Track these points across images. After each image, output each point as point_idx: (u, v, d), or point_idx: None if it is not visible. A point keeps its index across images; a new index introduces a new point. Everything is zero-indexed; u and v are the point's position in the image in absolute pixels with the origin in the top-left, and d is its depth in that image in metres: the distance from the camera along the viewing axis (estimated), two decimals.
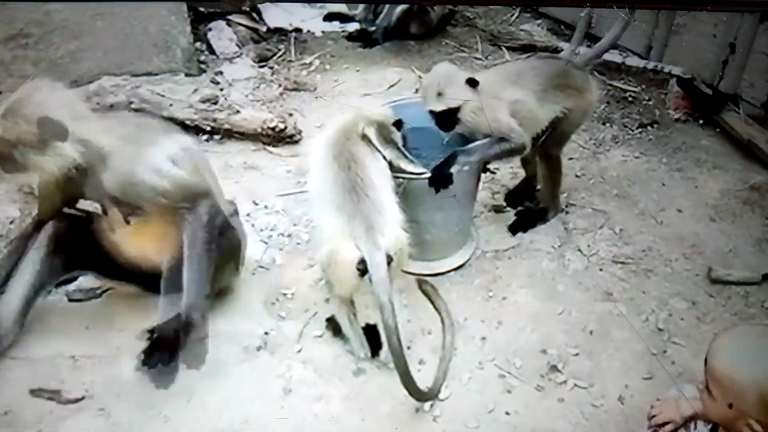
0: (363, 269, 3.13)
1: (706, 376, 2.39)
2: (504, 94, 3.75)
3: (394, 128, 3.62)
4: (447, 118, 3.72)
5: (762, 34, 5.05)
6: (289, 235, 4.19)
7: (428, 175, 3.58)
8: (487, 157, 3.82)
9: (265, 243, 4.11)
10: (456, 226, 3.94)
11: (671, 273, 3.99)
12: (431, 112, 3.73)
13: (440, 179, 3.58)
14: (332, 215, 3.21)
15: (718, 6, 4.54)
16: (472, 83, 3.68)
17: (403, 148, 3.59)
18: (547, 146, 4.05)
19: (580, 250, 4.13)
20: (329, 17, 6.73)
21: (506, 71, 4.00)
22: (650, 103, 5.60)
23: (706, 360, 2.38)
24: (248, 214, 4.31)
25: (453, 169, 3.60)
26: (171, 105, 4.96)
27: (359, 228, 3.13)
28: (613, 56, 5.89)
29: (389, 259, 3.14)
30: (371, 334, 3.48)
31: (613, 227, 4.32)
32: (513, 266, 4.03)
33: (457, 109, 3.68)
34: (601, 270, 4.01)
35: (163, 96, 5.02)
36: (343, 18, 6.74)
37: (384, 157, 3.49)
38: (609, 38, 4.18)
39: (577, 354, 3.52)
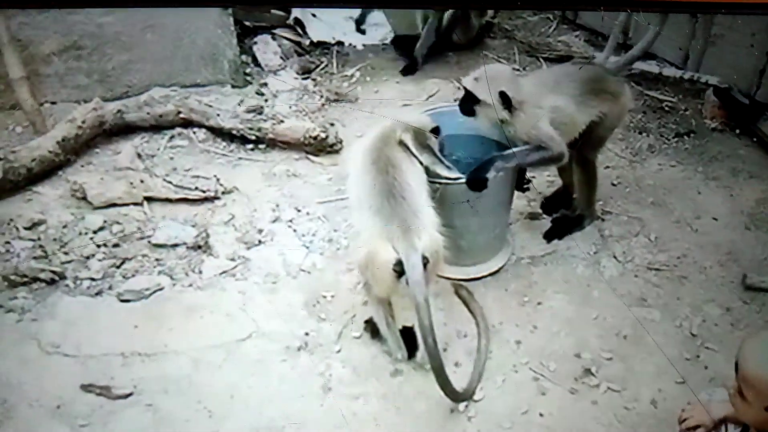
0: (400, 271, 3.17)
1: (738, 380, 2.37)
2: (544, 102, 3.75)
3: (431, 135, 3.66)
4: (467, 101, 3.73)
5: None
6: (329, 240, 4.25)
7: (464, 179, 3.61)
8: (525, 164, 3.83)
9: (307, 248, 4.19)
10: (492, 232, 3.97)
11: (705, 280, 3.97)
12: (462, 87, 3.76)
13: (476, 183, 3.60)
14: (370, 218, 3.27)
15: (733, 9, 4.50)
16: (505, 99, 3.66)
17: (439, 154, 3.62)
18: (583, 152, 4.06)
19: (615, 257, 4.13)
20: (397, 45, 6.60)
21: (544, 78, 4.01)
22: (687, 112, 5.56)
23: (737, 364, 2.37)
24: (291, 220, 4.39)
25: (489, 174, 3.62)
26: (218, 115, 5.07)
27: (396, 230, 3.19)
28: (650, 66, 5.88)
29: (425, 261, 3.18)
30: (408, 336, 3.53)
31: (649, 235, 4.31)
32: (548, 272, 4.05)
33: (477, 100, 3.69)
34: (636, 276, 4.01)
35: (210, 106, 5.13)
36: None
37: (420, 163, 3.54)
38: (641, 46, 4.20)
39: (610, 358, 3.53)
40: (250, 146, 5.08)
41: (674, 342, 3.58)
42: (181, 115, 5.08)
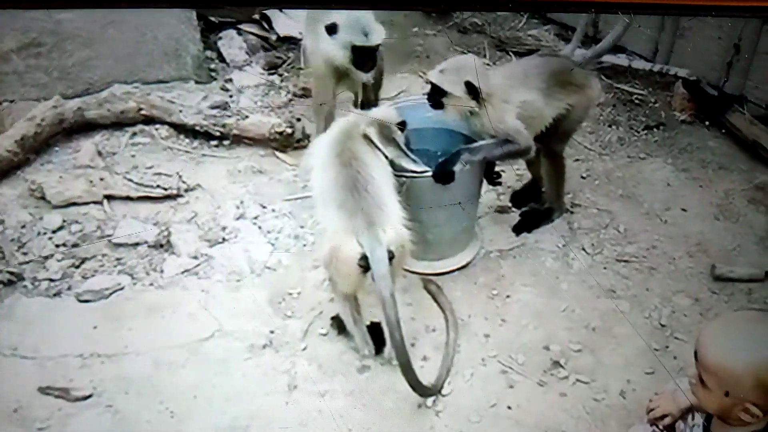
0: (365, 265, 3.17)
1: (698, 368, 2.38)
2: (512, 96, 3.76)
3: (396, 128, 3.66)
4: (434, 94, 3.73)
5: (766, 35, 5.05)
6: (295, 237, 4.24)
7: (430, 173, 3.61)
8: (492, 157, 3.85)
9: (272, 245, 4.17)
10: (459, 226, 3.98)
11: (675, 271, 4.01)
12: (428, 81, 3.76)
13: (443, 176, 3.61)
14: (334, 213, 3.27)
15: (723, 12, 4.55)
16: (471, 89, 3.67)
17: (405, 148, 3.62)
18: (551, 144, 4.07)
19: (584, 249, 4.16)
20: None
21: (512, 71, 3.99)
22: (656, 105, 5.60)
23: (696, 353, 2.38)
24: (256, 217, 4.37)
25: (456, 167, 3.63)
26: (181, 111, 5.03)
27: (360, 224, 3.18)
28: (619, 60, 5.91)
29: (391, 255, 3.18)
30: (375, 331, 3.53)
31: (618, 227, 4.34)
32: (517, 265, 4.07)
33: (444, 93, 3.69)
34: (605, 268, 4.04)
35: (173, 102, 5.09)
36: None
37: (385, 156, 3.54)
38: (610, 39, 4.21)
39: (579, 350, 3.55)
40: (215, 143, 5.03)
41: (643, 333, 3.61)
42: (143, 112, 5.03)
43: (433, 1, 5.23)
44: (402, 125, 3.73)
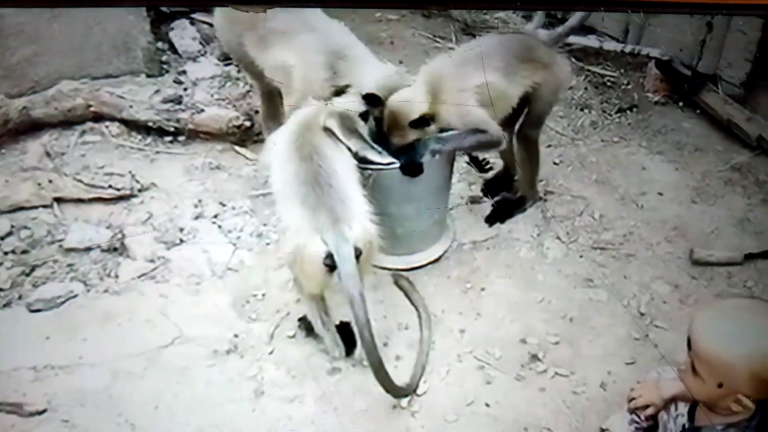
0: (331, 264, 3.13)
1: (691, 357, 2.37)
2: (468, 82, 3.69)
3: (359, 118, 3.62)
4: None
5: None
6: (258, 236, 4.18)
7: (397, 164, 3.58)
8: (462, 147, 3.85)
9: (234, 245, 4.11)
10: (430, 218, 3.96)
11: (653, 257, 4.02)
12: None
13: (410, 168, 3.59)
14: (296, 210, 3.22)
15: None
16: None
17: (369, 139, 3.58)
18: (523, 129, 4.05)
19: (559, 238, 4.15)
20: None
21: (465, 56, 3.87)
22: (629, 87, 5.62)
23: (689, 342, 2.37)
24: (215, 216, 4.31)
25: (424, 158, 3.61)
26: (131, 106, 4.94)
27: (325, 221, 3.14)
28: (590, 41, 5.92)
29: (358, 252, 3.15)
30: (345, 332, 3.49)
31: (593, 213, 4.34)
32: (491, 257, 4.05)
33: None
34: (581, 257, 4.03)
35: (123, 98, 5.00)
36: None
37: (349, 149, 3.49)
38: (576, 18, 4.21)
39: (557, 342, 3.55)
40: (169, 139, 4.95)
41: (622, 322, 3.62)
42: (92, 109, 4.94)
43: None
44: (365, 115, 3.69)
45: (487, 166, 4.25)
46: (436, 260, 4.01)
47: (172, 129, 4.96)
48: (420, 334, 3.57)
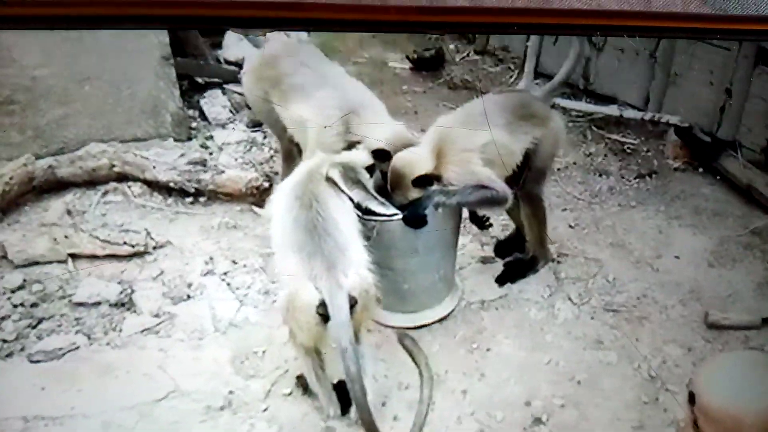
0: (324, 313, 2.94)
1: (693, 413, 2.14)
2: (473, 141, 3.58)
3: (363, 170, 3.47)
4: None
5: (757, 78, 4.93)
6: (265, 293, 4.03)
7: (400, 216, 3.42)
8: (467, 203, 3.67)
9: (240, 301, 3.96)
10: (436, 273, 3.75)
11: (666, 319, 3.78)
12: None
13: (414, 219, 3.43)
14: (291, 257, 3.05)
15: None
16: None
17: (372, 190, 3.42)
18: (526, 186, 3.89)
19: (570, 299, 3.93)
20: None
21: (468, 113, 3.77)
22: (649, 154, 5.45)
23: (692, 397, 2.14)
24: (225, 273, 4.17)
25: (428, 210, 3.45)
26: (154, 167, 4.88)
27: (319, 267, 2.96)
28: (611, 110, 5.79)
29: (353, 301, 2.94)
30: (342, 390, 3.25)
31: (607, 276, 4.13)
32: (500, 317, 3.84)
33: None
34: (592, 318, 3.81)
35: (146, 158, 4.94)
36: None
37: (351, 200, 3.33)
38: (565, 70, 4.09)
39: (563, 405, 3.29)
40: (190, 200, 4.87)
41: (632, 385, 3.38)
42: (116, 169, 4.89)
43: (438, 25, 5.12)
44: (371, 169, 3.55)
45: (487, 223, 4.06)
46: (443, 319, 3.80)
47: (192, 190, 4.87)
48: (420, 393, 3.33)
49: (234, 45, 6.50)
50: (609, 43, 5.92)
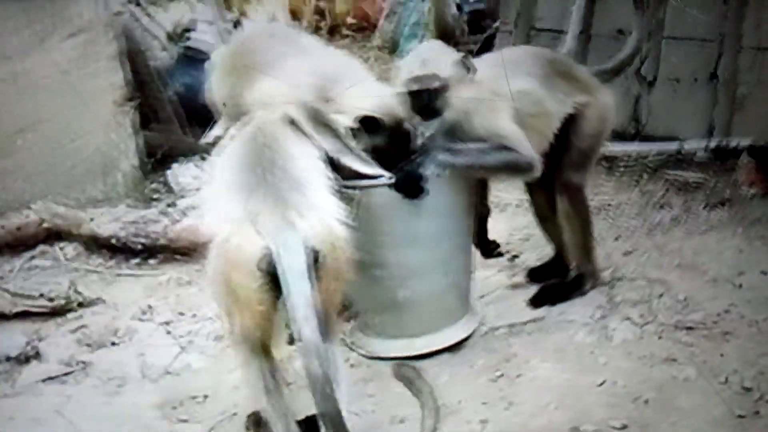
0: (268, 269, 2.29)
1: None
2: (503, 86, 3.15)
3: (333, 117, 2.93)
4: (427, 100, 3.02)
5: None
6: (217, 338, 3.52)
7: (387, 178, 2.86)
8: (479, 165, 3.17)
9: (181, 348, 3.49)
10: (444, 276, 3.17)
11: (758, 333, 3.30)
12: (408, 94, 3.04)
13: (408, 184, 2.89)
14: (226, 200, 2.49)
15: None
16: (467, 66, 3.11)
17: (350, 143, 2.88)
18: (565, 174, 3.46)
19: (629, 319, 3.40)
20: None
21: (498, 59, 3.44)
22: (718, 186, 4.96)
23: None
24: (167, 323, 3.74)
25: (427, 171, 2.91)
26: (92, 219, 4.42)
27: (262, 204, 2.37)
28: (667, 146, 5.38)
29: (315, 255, 2.32)
30: (311, 427, 2.54)
31: (676, 296, 3.63)
32: (534, 342, 3.34)
33: (440, 91, 3.02)
34: (660, 338, 3.31)
35: (83, 212, 4.51)
36: None
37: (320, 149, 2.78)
38: (621, 56, 3.89)
39: (624, 427, 2.66)
40: (136, 260, 4.39)
41: (720, 399, 2.83)
42: (45, 225, 4.44)
43: None
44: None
45: (496, 249, 3.67)
46: (455, 345, 3.24)
47: (139, 247, 4.39)
48: (420, 427, 2.68)
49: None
50: (661, 74, 5.56)
